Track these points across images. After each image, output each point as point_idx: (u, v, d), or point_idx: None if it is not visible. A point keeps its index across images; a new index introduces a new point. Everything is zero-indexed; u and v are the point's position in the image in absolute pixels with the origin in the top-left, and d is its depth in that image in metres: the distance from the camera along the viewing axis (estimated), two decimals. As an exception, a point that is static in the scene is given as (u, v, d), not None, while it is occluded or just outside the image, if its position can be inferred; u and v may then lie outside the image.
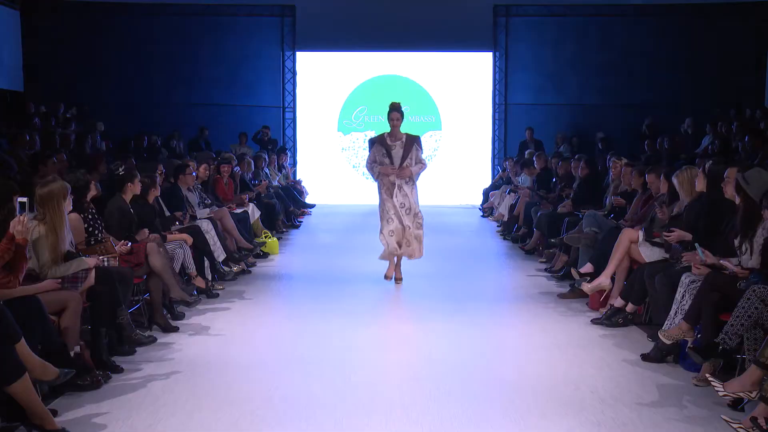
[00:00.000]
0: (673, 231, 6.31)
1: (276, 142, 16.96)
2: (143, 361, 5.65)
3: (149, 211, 7.29)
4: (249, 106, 17.52)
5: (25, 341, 4.34)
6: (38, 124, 12.81)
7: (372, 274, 8.71)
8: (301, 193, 15.25)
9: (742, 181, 5.32)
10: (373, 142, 8.44)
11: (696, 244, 5.67)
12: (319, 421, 4.56)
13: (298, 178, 16.66)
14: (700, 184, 6.23)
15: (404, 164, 8.23)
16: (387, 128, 8.35)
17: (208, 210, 9.02)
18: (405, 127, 8.37)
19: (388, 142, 8.28)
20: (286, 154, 16.33)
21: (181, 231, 7.73)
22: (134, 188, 6.95)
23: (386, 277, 8.44)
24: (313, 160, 17.94)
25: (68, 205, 5.56)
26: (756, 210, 5.24)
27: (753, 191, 5.26)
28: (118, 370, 5.38)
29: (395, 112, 8.21)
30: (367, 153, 8.66)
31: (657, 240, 6.69)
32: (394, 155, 8.23)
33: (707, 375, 4.91)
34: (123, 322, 5.81)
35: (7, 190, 5.05)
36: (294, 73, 17.71)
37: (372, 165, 8.36)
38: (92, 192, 6.40)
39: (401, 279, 8.51)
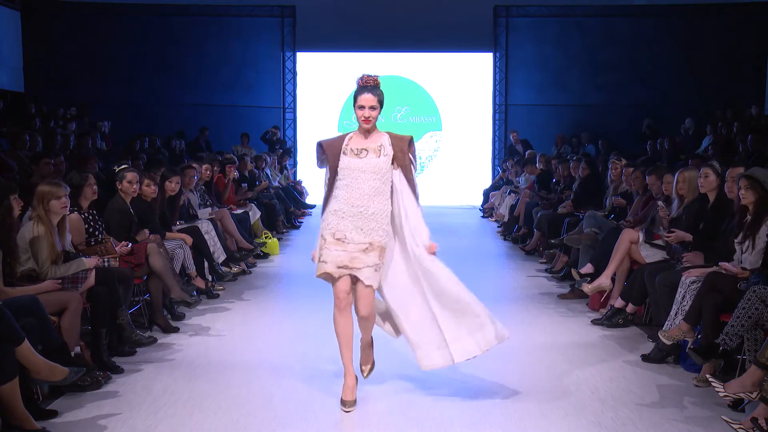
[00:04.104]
0: (673, 231, 6.33)
1: (285, 142, 17.02)
2: (143, 362, 5.65)
3: (149, 211, 7.28)
4: (249, 106, 17.54)
5: (29, 343, 4.35)
6: (38, 125, 12.80)
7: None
8: (302, 193, 15.26)
9: (762, 178, 5.29)
10: (322, 150, 4.94)
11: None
12: (319, 422, 4.55)
13: (298, 179, 16.68)
14: (704, 185, 6.22)
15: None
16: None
17: (209, 210, 9.01)
18: (405, 129, 5.01)
19: (350, 147, 4.77)
20: (289, 155, 16.36)
21: (181, 232, 7.73)
22: (125, 188, 6.90)
23: (343, 402, 4.73)
24: (314, 161, 17.84)
25: (63, 206, 5.51)
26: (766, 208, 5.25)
27: None
28: (119, 370, 5.38)
29: (368, 93, 4.68)
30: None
31: (657, 242, 6.70)
32: (360, 174, 4.71)
33: (707, 376, 4.91)
34: (123, 322, 5.81)
35: (4, 189, 5.05)
36: (294, 74, 17.72)
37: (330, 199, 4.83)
38: (90, 192, 6.36)
39: (371, 364, 5.10)
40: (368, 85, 4.72)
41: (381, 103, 4.72)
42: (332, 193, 4.81)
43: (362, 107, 4.70)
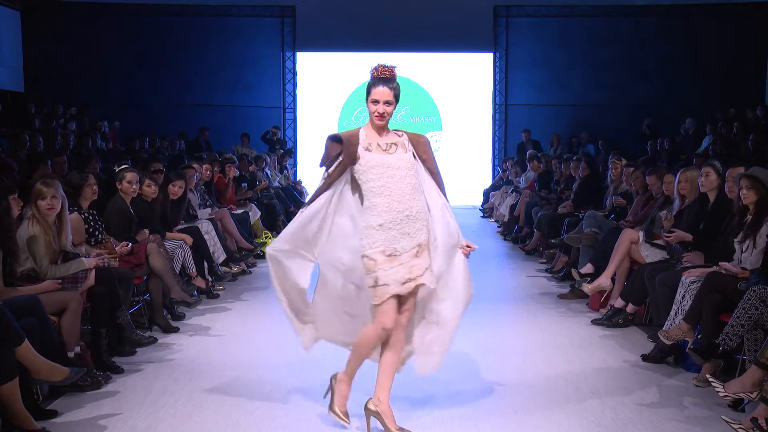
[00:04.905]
0: (673, 231, 6.32)
1: (285, 142, 17.02)
2: (143, 362, 5.65)
3: (149, 211, 7.28)
4: (249, 106, 17.55)
5: (29, 343, 4.35)
6: (38, 125, 12.79)
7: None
8: (302, 193, 15.24)
9: (763, 177, 5.29)
10: (339, 144, 4.23)
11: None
12: (320, 422, 4.55)
13: (298, 179, 16.69)
14: (705, 184, 6.22)
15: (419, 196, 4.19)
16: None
17: (209, 210, 9.01)
18: (405, 129, 4.38)
19: (371, 143, 4.21)
20: (290, 155, 16.37)
21: (181, 232, 7.72)
22: (124, 188, 6.90)
23: (332, 410, 4.39)
24: (314, 161, 17.84)
25: (48, 207, 5.48)
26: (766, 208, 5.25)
27: None
28: (119, 370, 5.38)
29: (383, 86, 4.20)
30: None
31: (657, 242, 6.70)
32: (395, 171, 4.16)
33: (708, 375, 4.91)
34: (123, 322, 5.81)
35: (2, 189, 5.05)
36: (294, 74, 17.72)
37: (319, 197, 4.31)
38: (90, 192, 6.35)
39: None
40: (384, 76, 4.21)
41: (397, 98, 4.22)
42: (365, 203, 4.18)
43: (377, 102, 4.20)
